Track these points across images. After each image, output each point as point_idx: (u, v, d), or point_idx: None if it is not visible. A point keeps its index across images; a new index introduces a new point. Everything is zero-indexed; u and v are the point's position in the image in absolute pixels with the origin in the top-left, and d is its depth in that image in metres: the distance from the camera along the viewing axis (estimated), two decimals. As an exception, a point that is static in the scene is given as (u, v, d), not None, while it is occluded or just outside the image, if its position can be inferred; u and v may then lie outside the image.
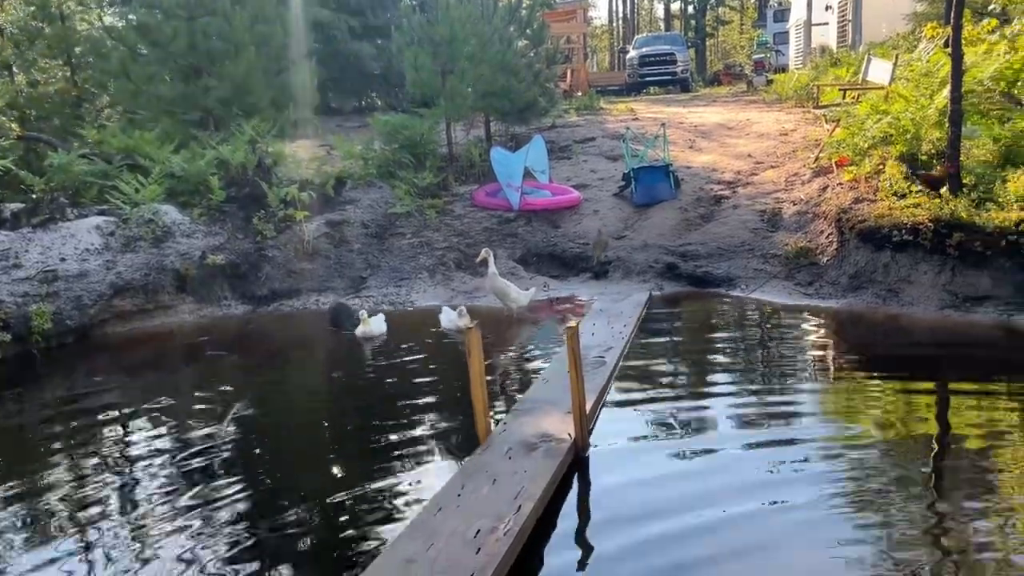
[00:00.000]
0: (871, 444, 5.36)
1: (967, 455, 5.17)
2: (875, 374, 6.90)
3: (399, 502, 4.76)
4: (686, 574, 3.86)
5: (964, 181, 8.90)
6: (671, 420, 5.84)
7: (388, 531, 4.36)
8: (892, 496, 4.56)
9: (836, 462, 5.03)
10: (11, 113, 14.15)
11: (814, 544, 4.06)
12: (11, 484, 5.34)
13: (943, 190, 8.86)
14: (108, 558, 4.27)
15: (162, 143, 11.88)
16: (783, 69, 25.35)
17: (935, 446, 5.36)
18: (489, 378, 5.54)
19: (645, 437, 5.60)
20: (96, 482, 5.30)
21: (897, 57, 12.84)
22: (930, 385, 6.57)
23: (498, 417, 5.65)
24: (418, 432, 5.90)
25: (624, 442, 5.50)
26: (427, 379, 7.18)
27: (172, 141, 12.06)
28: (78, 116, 15.17)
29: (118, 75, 13.02)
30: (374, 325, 8.48)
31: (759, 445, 5.33)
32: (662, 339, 8.16)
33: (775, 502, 4.53)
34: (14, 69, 15.77)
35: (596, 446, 5.28)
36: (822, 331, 8.21)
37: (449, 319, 8.48)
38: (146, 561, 4.21)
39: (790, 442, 5.35)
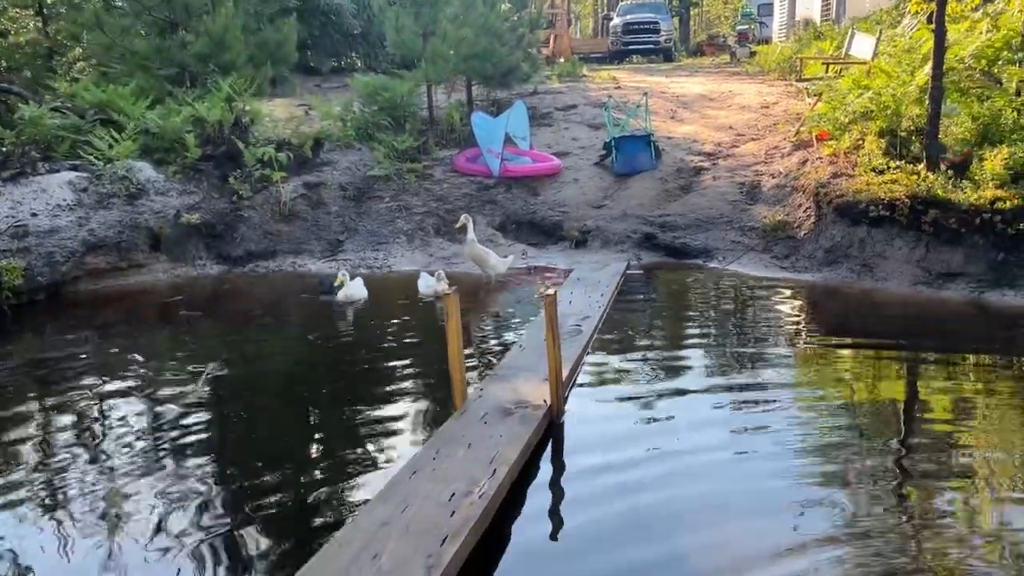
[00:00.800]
0: (838, 410, 5.49)
1: (930, 422, 5.29)
2: (846, 345, 7.01)
3: (374, 465, 4.77)
4: (655, 540, 3.91)
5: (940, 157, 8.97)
6: (646, 389, 5.90)
7: (362, 494, 4.38)
8: (856, 458, 4.66)
9: (804, 428, 5.13)
10: (-20, 63, 13.79)
11: (780, 507, 4.12)
12: (-20, 441, 5.29)
13: (920, 167, 8.93)
14: (73, 517, 4.24)
15: (137, 98, 11.64)
16: (766, 41, 25.27)
17: (900, 413, 5.49)
18: (466, 345, 5.53)
19: (619, 404, 5.64)
20: (65, 440, 5.27)
21: (881, 32, 12.85)
22: (898, 356, 6.67)
23: (474, 383, 5.67)
24: (394, 397, 5.91)
25: (599, 409, 5.55)
26: (404, 344, 7.18)
27: (147, 96, 11.83)
28: (50, 68, 14.82)
29: (91, 27, 12.72)
30: (354, 288, 8.41)
31: (730, 415, 5.40)
32: (639, 309, 8.20)
33: (746, 471, 4.60)
34: (-17, 18, 15.36)
35: (571, 413, 5.32)
36: (797, 304, 8.30)
37: (427, 284, 8.45)
38: (114, 521, 4.19)
39: (761, 410, 5.42)
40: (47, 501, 4.43)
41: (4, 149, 10.40)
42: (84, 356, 7.15)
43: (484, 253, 8.97)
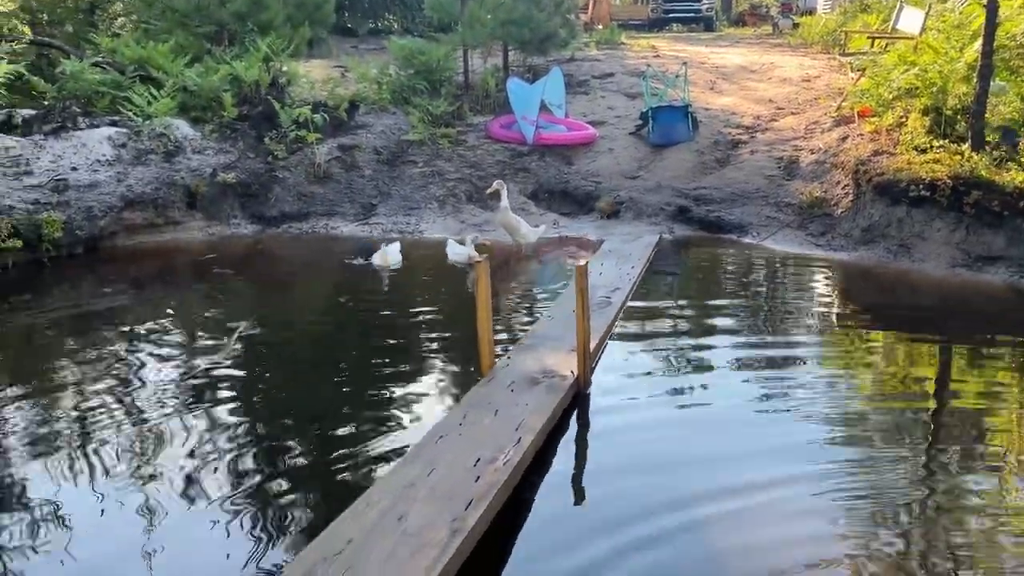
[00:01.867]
0: (869, 393, 5.42)
1: (964, 410, 5.21)
2: (879, 327, 6.92)
3: (401, 428, 4.83)
4: (676, 514, 3.91)
5: (987, 139, 8.76)
6: (673, 362, 5.89)
7: (389, 456, 4.43)
8: (887, 448, 4.62)
9: (832, 409, 5.09)
10: (23, 16, 13.90)
11: (807, 488, 4.11)
12: (17, 390, 5.43)
13: (965, 147, 8.72)
14: (107, 466, 4.36)
15: (175, 56, 11.70)
16: (811, 12, 24.68)
17: (933, 399, 5.41)
18: (495, 313, 5.55)
19: (646, 377, 5.64)
20: (99, 392, 5.38)
21: (930, 6, 12.50)
22: (934, 340, 6.58)
23: (503, 351, 5.69)
24: (422, 361, 5.96)
25: (625, 382, 5.55)
26: (433, 309, 7.22)
27: (186, 54, 11.88)
28: (91, 23, 14.91)
29: (132, -18, 12.77)
30: (391, 254, 8.42)
31: (758, 390, 5.37)
32: (670, 282, 8.16)
33: (771, 447, 4.59)
34: (27, -29, 15.45)
35: (598, 384, 5.33)
36: (831, 282, 8.20)
37: (456, 252, 8.44)
38: (146, 474, 4.29)
39: (789, 388, 5.39)
40: (81, 453, 4.54)
41: (46, 103, 10.54)
42: (120, 310, 7.28)
43: (516, 221, 8.95)
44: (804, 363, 5.89)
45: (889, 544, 3.68)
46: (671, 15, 26.98)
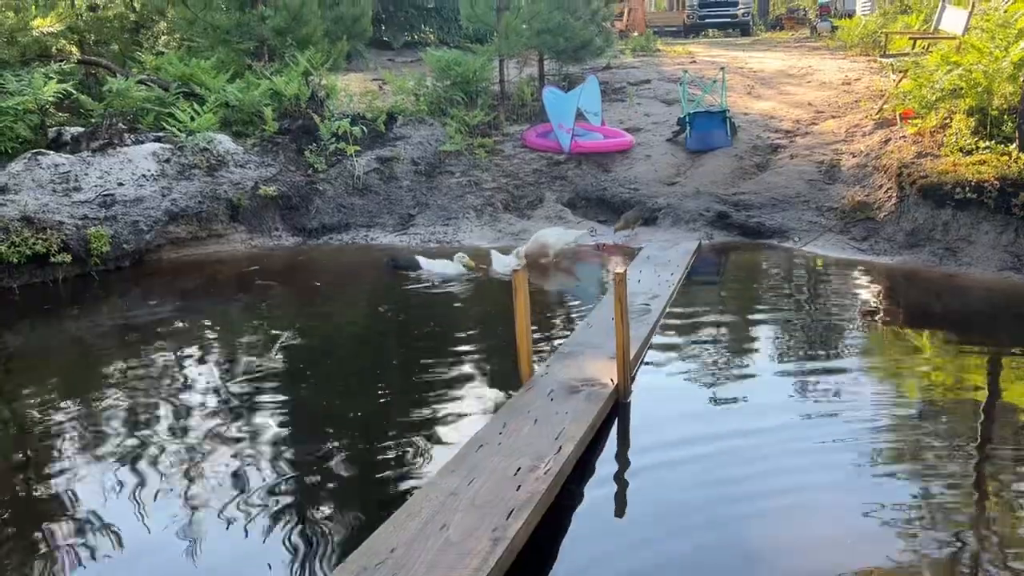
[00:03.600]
0: (917, 402, 5.31)
1: (1016, 419, 5.08)
2: (927, 333, 6.79)
3: (441, 437, 4.85)
4: (721, 529, 3.88)
5: (1035, 139, 8.55)
6: (714, 371, 5.83)
7: (429, 465, 4.46)
8: (935, 457, 4.52)
9: (880, 420, 4.98)
10: (71, 36, 14.28)
11: (853, 501, 4.04)
12: (67, 400, 5.57)
13: (1012, 147, 8.53)
14: (153, 475, 4.44)
15: (217, 72, 11.94)
16: (849, 15, 24.35)
17: (983, 408, 5.27)
18: (534, 322, 5.55)
19: (687, 387, 5.59)
20: (147, 402, 5.49)
21: (973, 5, 12.25)
22: (983, 347, 6.43)
23: (542, 358, 5.69)
24: (462, 370, 5.98)
25: (666, 391, 5.52)
26: (472, 318, 7.25)
27: (227, 70, 12.12)
28: (136, 42, 15.27)
29: (175, 1, 13.06)
30: (440, 266, 8.43)
31: (802, 399, 5.31)
32: (710, 289, 8.09)
33: (816, 458, 4.52)
34: (74, -8, 15.89)
35: (638, 393, 5.30)
36: (875, 287, 8.06)
37: (503, 264, 8.35)
38: (189, 482, 4.37)
39: (834, 397, 5.31)
40: (128, 463, 4.64)
41: (93, 120, 10.80)
42: (166, 321, 7.42)
43: (543, 240, 8.72)
44: (850, 371, 5.79)
45: (939, 553, 3.60)
46: (707, 20, 26.85)
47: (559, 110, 11.71)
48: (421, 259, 8.62)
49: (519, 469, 3.94)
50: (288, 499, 4.17)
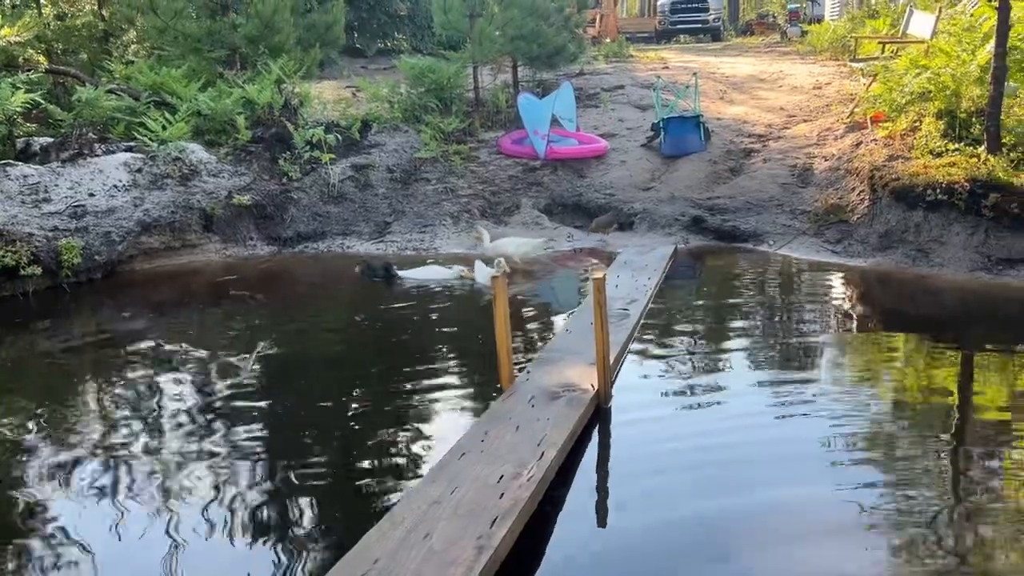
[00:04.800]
0: (891, 402, 5.38)
1: (988, 417, 5.15)
2: (899, 333, 6.87)
3: (422, 446, 4.82)
4: (701, 529, 3.89)
5: (1003, 141, 8.69)
6: (693, 375, 5.86)
7: (411, 474, 4.43)
8: (907, 454, 4.57)
9: (853, 420, 5.02)
10: (39, 46, 14.07)
11: (832, 502, 4.07)
12: (38, 413, 5.46)
13: (980, 149, 8.67)
14: (130, 490, 4.37)
15: (189, 80, 11.82)
16: (818, 20, 24.65)
17: (956, 407, 5.34)
18: (513, 328, 5.54)
19: (666, 390, 5.62)
20: (121, 415, 5.41)
21: (940, 10, 12.45)
22: (955, 346, 6.51)
23: (522, 366, 5.68)
24: (442, 378, 5.95)
25: (645, 395, 5.53)
26: (450, 325, 7.22)
27: (199, 79, 11.99)
28: (105, 50, 15.06)
29: (145, 10, 12.90)
30: (425, 272, 8.57)
31: (778, 401, 5.34)
32: (687, 293, 8.13)
33: (794, 463, 4.54)
34: (42, 1, 15.67)
35: (618, 397, 5.30)
36: (848, 289, 8.14)
37: (484, 275, 8.25)
38: (168, 496, 4.30)
39: (810, 399, 5.34)
40: (102, 475, 4.56)
41: (62, 131, 10.65)
42: (139, 332, 7.32)
43: (501, 247, 8.82)
44: (825, 372, 5.85)
45: (915, 553, 3.63)
46: (678, 26, 27.05)
47: (534, 116, 11.73)
48: (411, 272, 8.62)
49: (502, 476, 3.92)
50: (269, 511, 4.12)
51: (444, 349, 6.61)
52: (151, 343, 6.99)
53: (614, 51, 19.52)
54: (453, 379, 5.97)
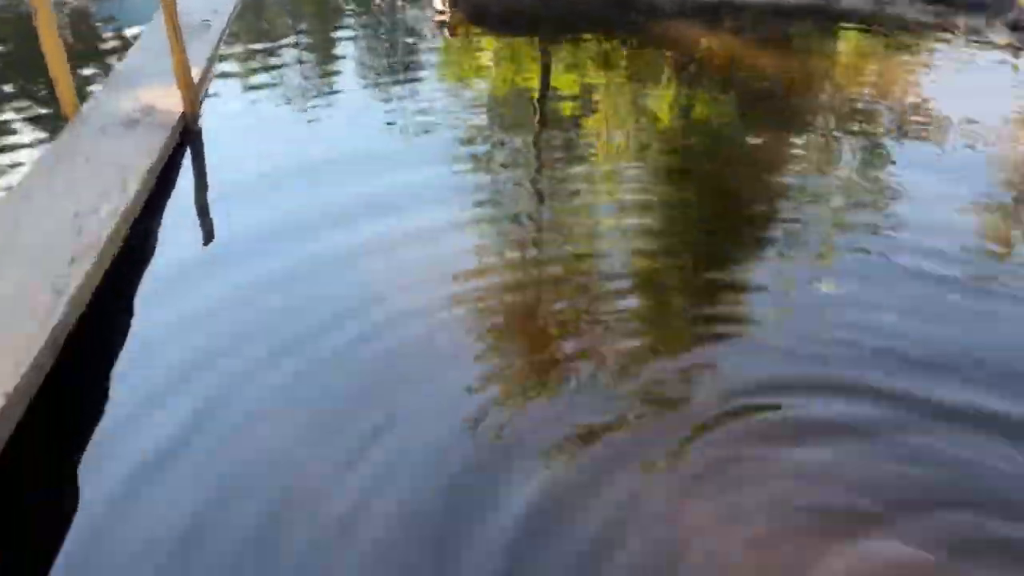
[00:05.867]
0: (487, 98, 5.69)
1: (561, 105, 5.70)
2: (488, 34, 7.15)
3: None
4: (306, 240, 3.83)
5: None
6: (290, 87, 5.64)
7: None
8: (501, 144, 4.93)
9: (454, 117, 5.25)
10: None
11: (446, 202, 4.18)
12: None
13: None
14: None
15: None
16: None
17: (536, 97, 5.80)
18: (77, 47, 4.75)
19: (264, 107, 5.35)
20: None
21: None
22: (535, 39, 6.96)
23: (89, 90, 4.98)
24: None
25: (238, 111, 5.25)
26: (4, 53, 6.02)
27: None
28: None
29: None
30: None
31: (385, 109, 5.39)
32: None
33: (387, 166, 4.56)
34: None
35: (209, 119, 4.94)
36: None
37: None
38: None
39: (412, 98, 5.48)
40: None
41: None
42: None
43: None
44: (426, 77, 5.97)
45: (507, 227, 4.02)
46: None
47: None
48: None
49: (77, 213, 3.53)
50: None
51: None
52: None
53: None
54: (9, 115, 5.06)
